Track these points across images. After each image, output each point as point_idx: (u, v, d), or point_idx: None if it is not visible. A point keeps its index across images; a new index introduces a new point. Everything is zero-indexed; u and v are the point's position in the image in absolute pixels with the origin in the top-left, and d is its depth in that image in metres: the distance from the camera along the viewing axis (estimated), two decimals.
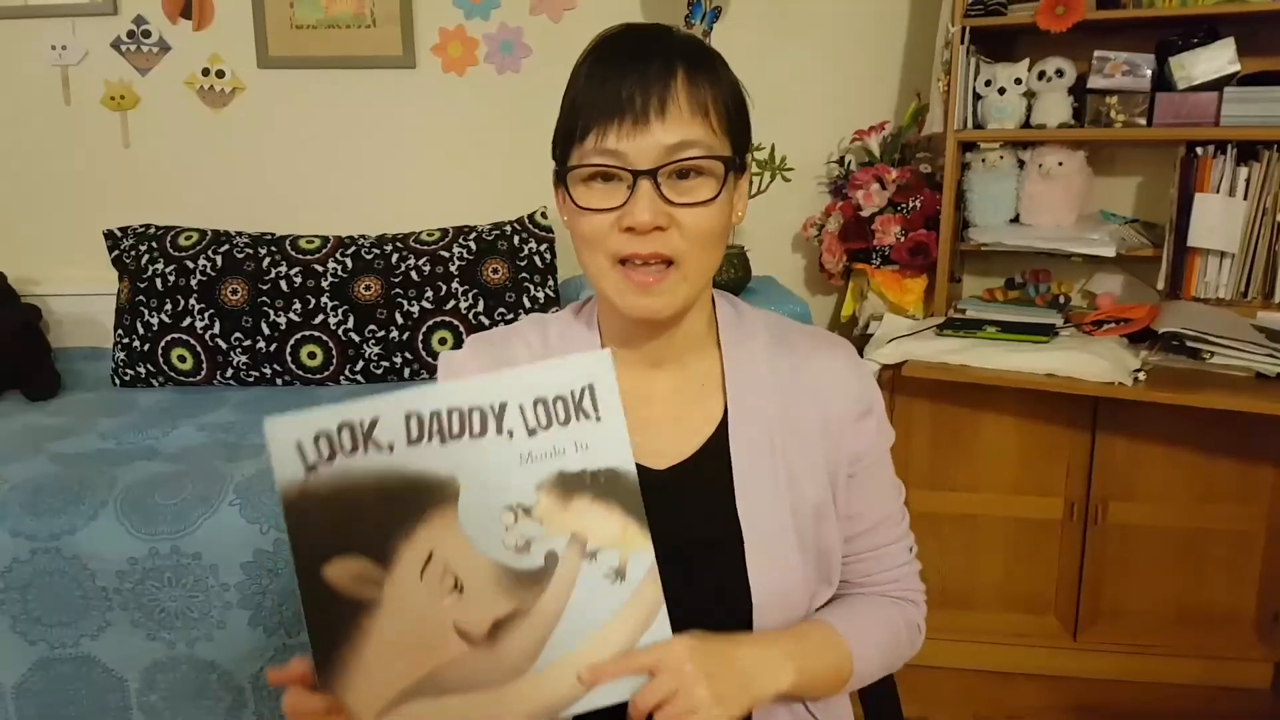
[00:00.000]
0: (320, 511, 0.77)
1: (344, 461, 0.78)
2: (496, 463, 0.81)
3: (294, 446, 0.77)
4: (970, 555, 2.28)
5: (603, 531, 0.83)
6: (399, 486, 0.79)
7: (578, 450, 0.82)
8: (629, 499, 0.83)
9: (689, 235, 0.88)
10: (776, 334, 1.03)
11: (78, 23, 2.68)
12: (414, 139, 2.76)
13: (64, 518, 1.77)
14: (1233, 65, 2.13)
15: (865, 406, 1.01)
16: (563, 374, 0.83)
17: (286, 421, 0.77)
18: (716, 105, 0.89)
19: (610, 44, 0.92)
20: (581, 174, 0.89)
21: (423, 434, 0.79)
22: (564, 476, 0.82)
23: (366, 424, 0.78)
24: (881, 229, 2.43)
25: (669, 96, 0.86)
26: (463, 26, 2.69)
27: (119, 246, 2.49)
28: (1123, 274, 2.49)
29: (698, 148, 0.87)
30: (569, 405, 0.82)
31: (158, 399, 2.35)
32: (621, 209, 0.87)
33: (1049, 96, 2.26)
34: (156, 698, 1.82)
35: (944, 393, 2.19)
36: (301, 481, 0.77)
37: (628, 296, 0.90)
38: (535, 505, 0.81)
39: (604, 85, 0.88)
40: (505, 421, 0.81)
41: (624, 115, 0.86)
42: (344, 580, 0.77)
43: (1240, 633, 2.20)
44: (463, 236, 2.48)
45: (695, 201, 0.88)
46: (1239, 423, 2.03)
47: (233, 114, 2.75)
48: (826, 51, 2.65)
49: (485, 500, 0.80)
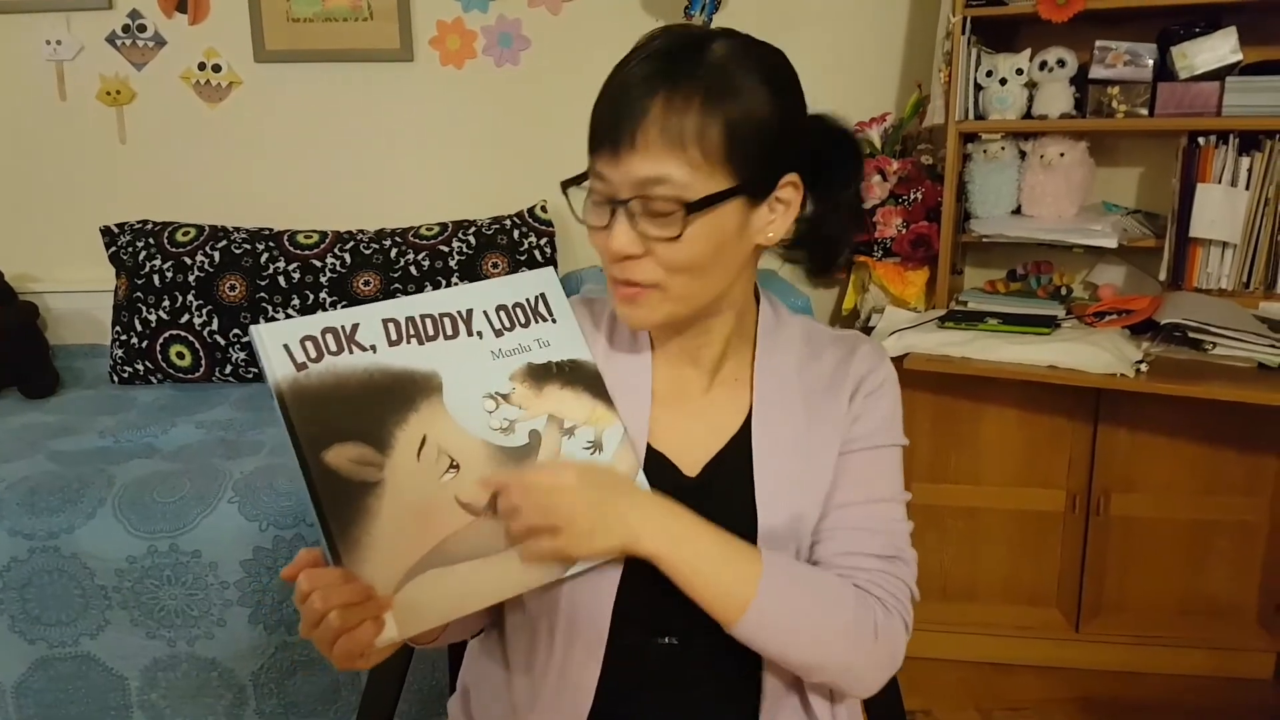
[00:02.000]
0: (315, 404, 0.82)
1: (330, 360, 0.84)
2: (471, 358, 0.90)
3: (282, 348, 0.82)
4: (972, 547, 2.28)
5: (575, 411, 0.93)
6: (386, 380, 0.86)
7: (540, 347, 0.94)
8: (593, 384, 0.95)
9: (664, 264, 0.88)
10: (811, 338, 1.04)
11: (72, 17, 2.66)
12: (412, 133, 2.75)
13: (62, 516, 1.76)
14: (1235, 55, 2.11)
15: (877, 387, 1.00)
16: (516, 285, 0.96)
17: (273, 328, 0.83)
18: (706, 135, 0.84)
19: (628, 57, 0.90)
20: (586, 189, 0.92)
21: (401, 336, 0.88)
22: (533, 367, 0.93)
23: (348, 328, 0.85)
24: (883, 221, 2.43)
25: (638, 129, 0.84)
26: (461, 19, 2.67)
27: (116, 243, 2.48)
28: (1124, 265, 2.48)
29: (666, 185, 0.84)
30: (527, 310, 0.95)
31: (156, 396, 2.35)
32: (605, 230, 0.89)
33: (1050, 87, 2.24)
34: (157, 696, 1.82)
35: (946, 385, 2.19)
36: (291, 378, 0.81)
37: (620, 306, 0.93)
38: (512, 392, 0.91)
39: (601, 104, 0.89)
40: (473, 324, 0.92)
41: (603, 142, 0.87)
42: (345, 464, 0.81)
43: (1243, 624, 2.20)
44: (462, 231, 2.47)
45: (664, 237, 0.86)
46: (1241, 414, 2.02)
47: (229, 108, 2.74)
48: (827, 43, 2.64)
49: (466, 390, 0.89)
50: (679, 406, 0.99)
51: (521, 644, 0.97)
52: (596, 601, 0.91)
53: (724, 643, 0.90)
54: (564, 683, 0.93)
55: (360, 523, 0.81)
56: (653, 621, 0.93)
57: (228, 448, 1.99)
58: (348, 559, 0.80)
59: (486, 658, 1.04)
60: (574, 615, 0.92)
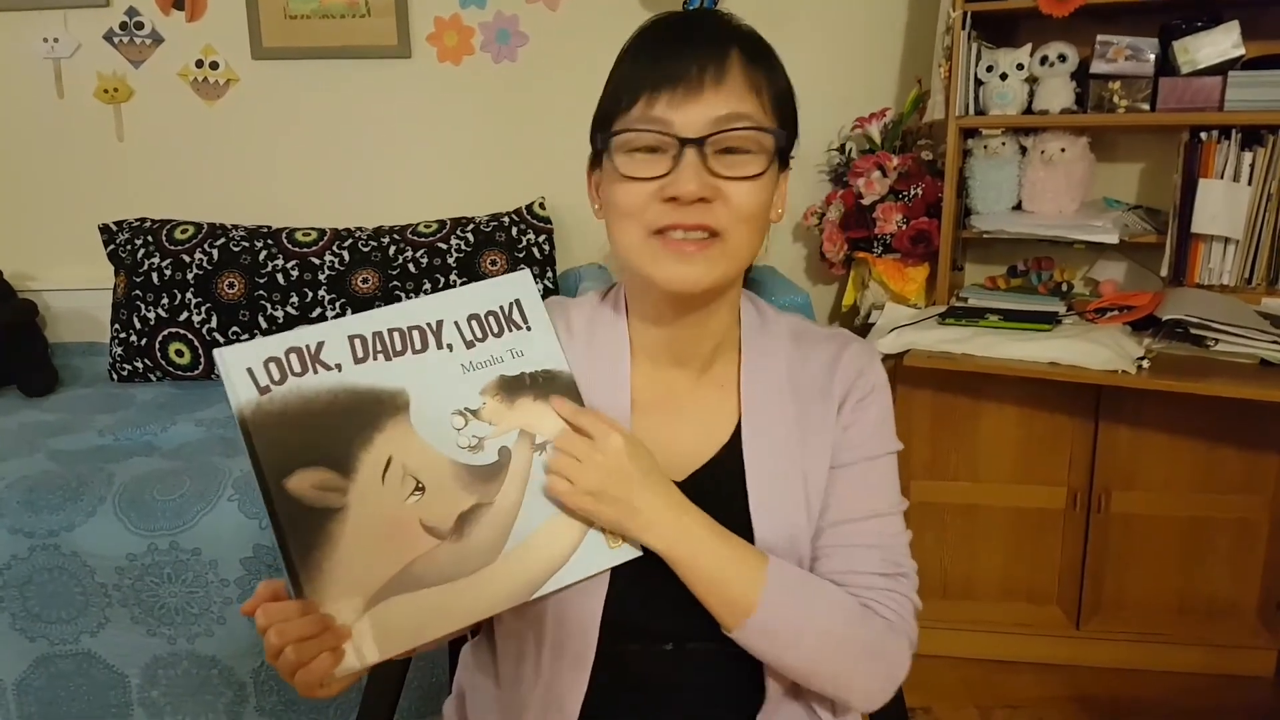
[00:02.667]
0: (277, 428, 0.80)
1: (295, 382, 0.82)
2: (440, 373, 0.87)
3: (245, 372, 0.80)
4: (972, 545, 2.27)
5: (548, 425, 0.90)
6: (351, 400, 0.83)
7: (514, 357, 0.91)
8: (568, 394, 0.92)
9: (734, 209, 0.86)
10: (800, 337, 1.01)
11: (69, 15, 2.66)
12: (410, 129, 2.74)
13: (62, 514, 1.76)
14: (1237, 49, 2.11)
15: (866, 395, 0.97)
16: (489, 292, 0.92)
17: (236, 350, 0.81)
18: (770, 90, 0.88)
19: (662, 23, 0.91)
20: (625, 141, 0.87)
21: (368, 353, 0.85)
22: (505, 380, 0.90)
23: (313, 347, 0.83)
24: (883, 217, 2.42)
25: (724, 68, 0.85)
26: (458, 15, 2.66)
27: (114, 241, 2.48)
28: (1126, 261, 2.47)
29: (748, 120, 0.86)
30: (500, 318, 0.91)
31: (155, 394, 2.34)
32: (665, 178, 0.85)
33: (1051, 82, 2.24)
34: (157, 693, 1.82)
35: (946, 382, 2.18)
36: (256, 402, 0.80)
37: (664, 265, 0.87)
38: (482, 408, 0.88)
39: (656, 56, 0.87)
40: (444, 336, 0.88)
41: (675, 83, 0.85)
42: (308, 490, 0.80)
43: (1243, 622, 2.19)
44: (460, 228, 2.47)
45: (742, 176, 0.86)
46: (1243, 411, 2.02)
47: (227, 106, 2.73)
48: (826, 38, 2.63)
49: (435, 407, 0.86)
50: (662, 412, 0.97)
51: (510, 655, 0.96)
52: (585, 613, 0.90)
53: (715, 650, 0.90)
54: (551, 691, 0.91)
55: (322, 549, 0.80)
56: (641, 631, 0.92)
57: (227, 445, 1.99)
58: (309, 588, 0.79)
59: (477, 666, 1.03)
60: (562, 627, 0.90)
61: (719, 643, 0.89)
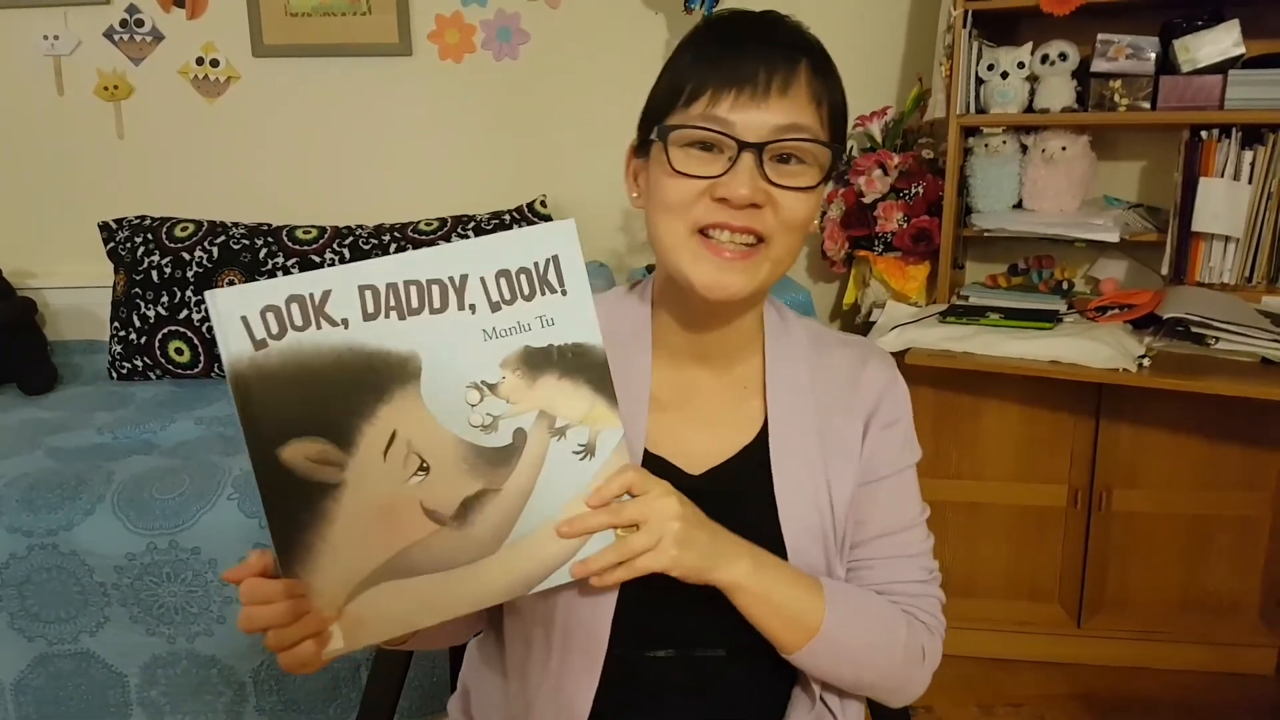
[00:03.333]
0: (273, 390, 0.73)
1: (295, 337, 0.73)
2: (459, 339, 0.78)
3: (239, 321, 0.72)
4: (974, 543, 2.27)
5: (571, 408, 0.81)
6: (357, 364, 0.75)
7: (543, 325, 0.80)
8: (597, 374, 0.81)
9: (782, 217, 0.86)
10: (818, 341, 1.01)
11: (70, 12, 2.66)
12: (411, 127, 2.74)
13: (61, 513, 1.75)
14: (1238, 48, 2.10)
15: (894, 416, 0.99)
16: (526, 244, 0.80)
17: (229, 294, 0.72)
18: (829, 104, 0.89)
19: (730, 20, 0.91)
20: (682, 136, 0.87)
21: (379, 308, 0.76)
22: (530, 352, 0.80)
23: (318, 297, 0.74)
24: (884, 215, 2.42)
25: (793, 77, 0.86)
26: (459, 13, 2.66)
27: (114, 238, 2.47)
28: (1126, 259, 2.47)
29: (808, 132, 0.86)
30: (533, 278, 0.80)
31: (155, 392, 2.34)
32: (718, 179, 0.85)
33: (1052, 80, 2.23)
34: (157, 693, 1.82)
35: (947, 380, 2.18)
36: (249, 357, 0.72)
37: (704, 267, 0.87)
38: (500, 382, 0.79)
39: (722, 56, 0.86)
40: (467, 295, 0.78)
41: (742, 86, 0.84)
42: (302, 462, 0.74)
43: (1245, 619, 2.19)
44: (461, 226, 2.46)
45: (795, 186, 0.86)
46: (1244, 409, 2.01)
47: (227, 103, 2.73)
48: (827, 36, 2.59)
49: (448, 378, 0.78)
50: (681, 408, 0.96)
51: (518, 652, 0.95)
52: (595, 613, 0.88)
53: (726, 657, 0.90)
54: (560, 693, 0.90)
55: (314, 527, 0.74)
56: (652, 633, 0.91)
57: (227, 444, 1.99)
58: (298, 566, 0.74)
59: (484, 662, 1.02)
60: (571, 625, 0.89)
61: (730, 650, 0.89)
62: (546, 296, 0.80)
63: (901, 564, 0.99)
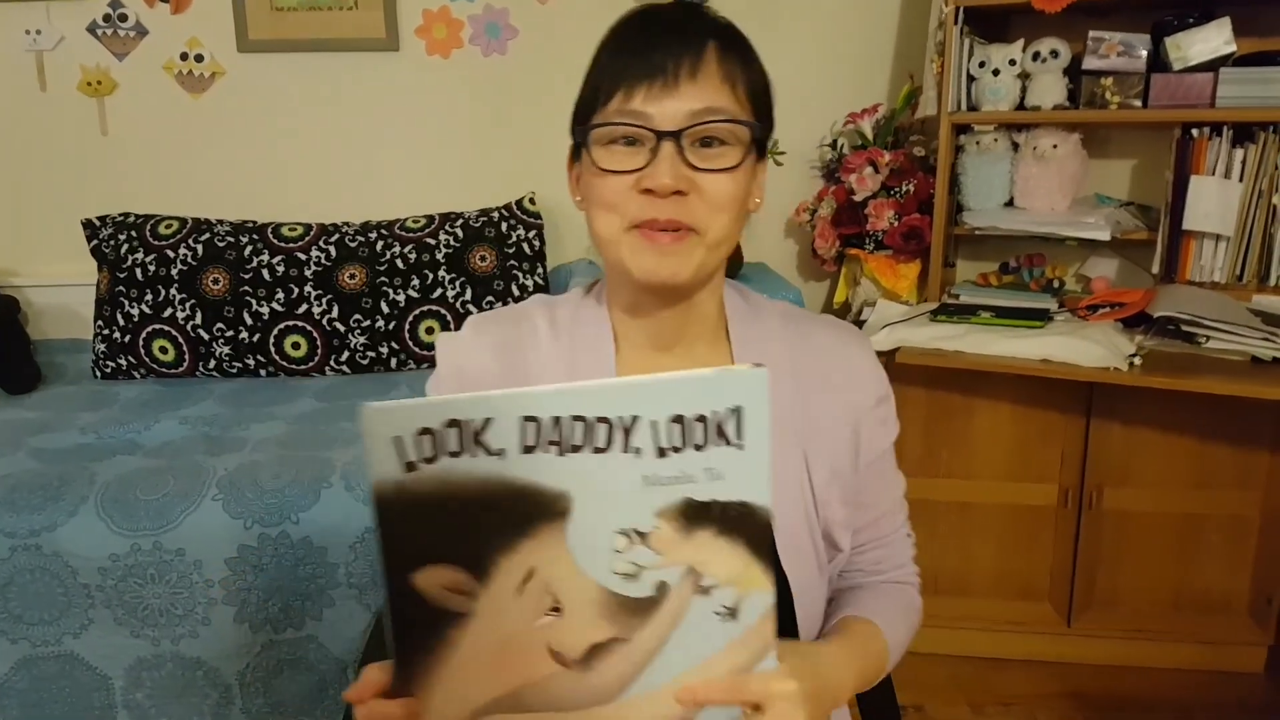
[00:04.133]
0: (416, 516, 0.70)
1: (447, 463, 0.69)
2: (617, 482, 0.72)
3: (391, 442, 0.68)
4: (964, 542, 2.27)
5: (722, 568, 0.74)
6: (506, 496, 0.71)
7: (710, 479, 0.73)
8: (758, 536, 0.74)
9: (710, 201, 0.87)
10: (791, 323, 1.02)
11: (52, 7, 2.62)
12: (398, 123, 2.72)
13: (44, 514, 1.74)
14: (1229, 46, 2.10)
15: (881, 395, 1.02)
16: (710, 389, 0.72)
17: (386, 412, 0.68)
18: (746, 82, 0.89)
19: (640, 16, 0.91)
20: (603, 134, 0.88)
21: (539, 442, 0.70)
22: (690, 505, 0.73)
23: (478, 424, 0.69)
24: (875, 213, 2.41)
25: (700, 61, 0.86)
26: (447, 8, 2.64)
27: (98, 236, 2.45)
28: (1117, 258, 2.47)
29: (724, 113, 0.87)
30: (709, 427, 0.72)
31: (139, 392, 2.32)
32: (642, 171, 0.86)
33: (1043, 78, 2.23)
34: (142, 695, 1.80)
35: (938, 379, 2.17)
36: (397, 481, 0.69)
37: (644, 258, 0.88)
38: (653, 532, 0.73)
39: (633, 50, 0.88)
40: (634, 438, 0.71)
41: (653, 78, 0.85)
42: (436, 590, 0.71)
43: (1235, 618, 2.19)
44: (449, 223, 2.44)
45: (718, 168, 0.87)
46: (1234, 407, 2.01)
47: (212, 99, 2.70)
48: (819, 33, 2.62)
49: (598, 520, 0.72)
50: None
51: None
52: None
53: None
54: None
55: (437, 654, 0.72)
56: None
57: (211, 444, 1.97)
58: (418, 688, 0.72)
59: None
60: None
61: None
62: (720, 448, 0.72)
63: (897, 542, 1.08)
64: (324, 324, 2.35)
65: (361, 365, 2.39)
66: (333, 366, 2.39)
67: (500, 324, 1.01)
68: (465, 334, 1.00)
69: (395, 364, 2.40)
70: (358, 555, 1.76)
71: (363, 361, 2.39)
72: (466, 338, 1.00)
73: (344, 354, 2.37)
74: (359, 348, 2.37)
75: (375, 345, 2.37)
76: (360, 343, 2.36)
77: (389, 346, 2.37)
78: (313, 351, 2.37)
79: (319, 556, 1.75)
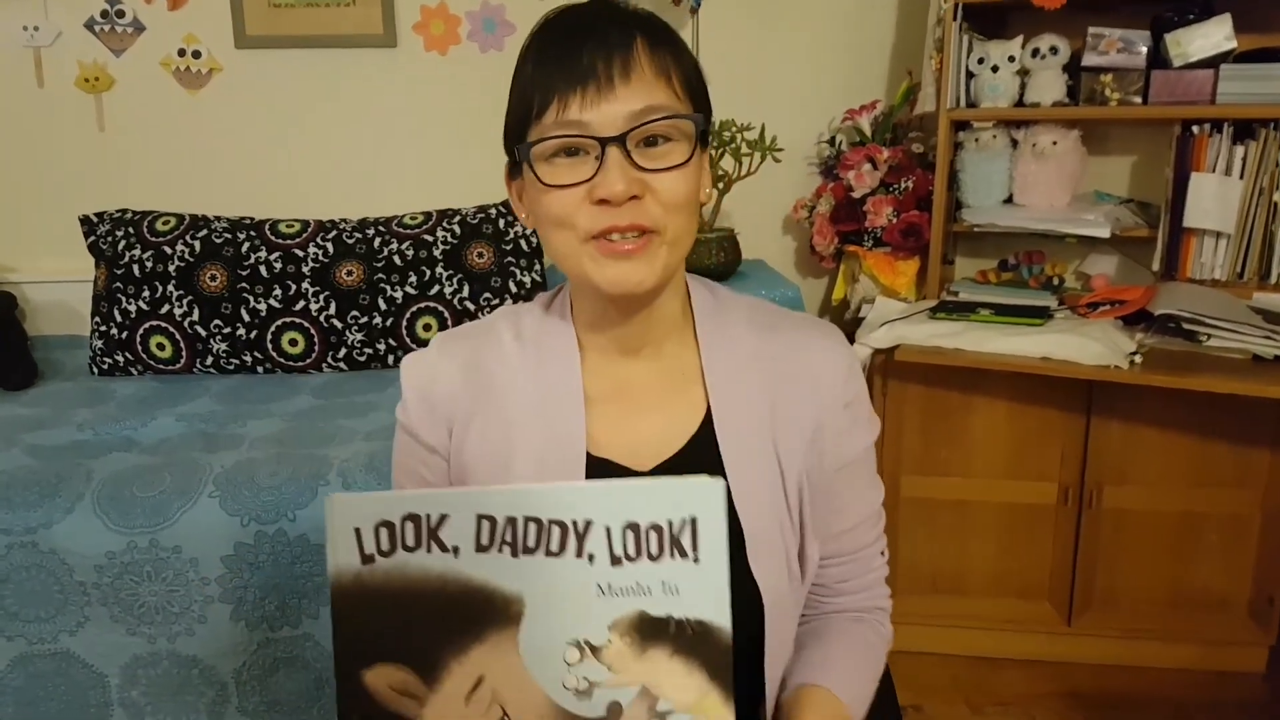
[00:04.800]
0: (371, 609, 0.71)
1: (403, 557, 0.71)
2: (570, 589, 0.72)
3: (352, 533, 0.71)
4: (963, 541, 2.26)
5: (679, 692, 0.73)
6: (459, 596, 0.72)
7: (665, 592, 0.72)
8: (715, 659, 0.72)
9: (665, 201, 0.85)
10: (760, 320, 0.99)
11: (50, 2, 2.62)
12: (396, 119, 2.72)
13: (40, 511, 1.73)
14: (1229, 42, 2.09)
15: (851, 397, 0.98)
16: (664, 497, 0.72)
17: (349, 502, 0.71)
18: (679, 73, 0.87)
19: (558, 20, 0.89)
20: (544, 149, 0.85)
21: (493, 541, 0.71)
22: (645, 619, 0.72)
23: (435, 519, 0.71)
24: (873, 210, 2.40)
25: (631, 60, 0.83)
26: (445, 4, 2.64)
27: (95, 232, 2.44)
28: (1117, 255, 2.46)
29: (665, 110, 0.84)
30: (664, 537, 0.72)
31: (136, 388, 2.31)
32: (591, 181, 0.83)
33: (1043, 74, 2.22)
34: (137, 693, 1.80)
35: (937, 377, 2.17)
36: (355, 572, 0.71)
37: (607, 269, 0.85)
38: (605, 646, 0.73)
39: (560, 58, 0.84)
40: (587, 543, 0.72)
41: (585, 83, 0.82)
42: (384, 689, 0.72)
43: (1235, 617, 2.19)
44: (446, 220, 2.44)
45: (669, 166, 0.84)
46: (1235, 406, 2.01)
47: (210, 95, 2.70)
48: (816, 29, 2.61)
49: (550, 629, 0.72)
50: (620, 403, 0.95)
51: None
52: None
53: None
54: None
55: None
56: None
57: (208, 441, 1.96)
58: None
59: None
60: None
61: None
62: (675, 560, 0.72)
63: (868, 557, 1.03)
64: (321, 321, 2.34)
65: (359, 362, 2.39)
66: (330, 363, 2.38)
67: (466, 340, 0.99)
68: (430, 354, 0.99)
69: (392, 361, 2.39)
70: None
71: (360, 358, 2.38)
72: (432, 359, 0.99)
73: (341, 351, 2.37)
74: (356, 344, 2.36)
75: (373, 342, 2.36)
76: (358, 339, 2.36)
77: (386, 343, 2.37)
78: (310, 348, 2.36)
79: (316, 554, 1.74)
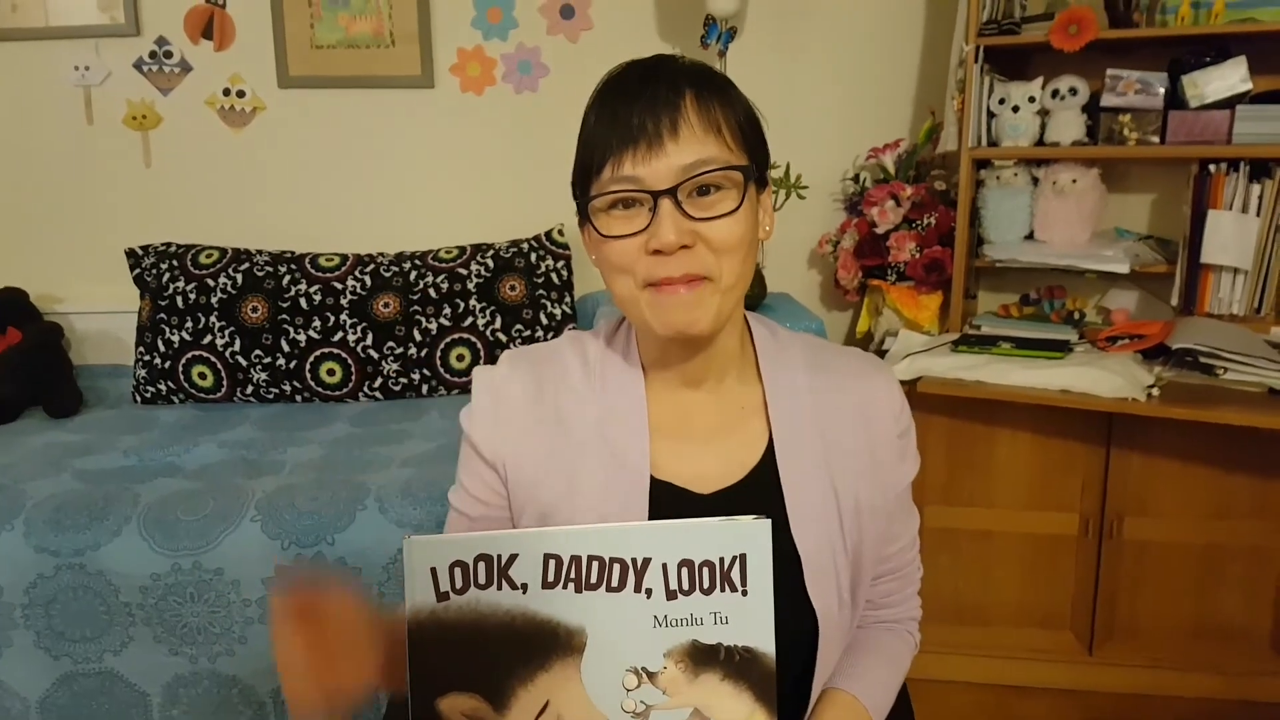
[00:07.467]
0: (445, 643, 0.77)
1: (475, 595, 0.77)
2: (629, 621, 0.78)
3: (429, 573, 0.76)
4: (986, 571, 2.28)
5: (729, 713, 0.79)
6: (527, 629, 0.78)
7: (716, 622, 0.79)
8: (762, 682, 0.79)
9: (717, 249, 0.88)
10: (814, 356, 1.03)
11: (101, 43, 2.71)
12: (432, 158, 2.79)
13: (88, 534, 1.78)
14: (1244, 84, 2.13)
15: (904, 427, 1.03)
16: (717, 537, 0.79)
17: (425, 544, 0.77)
18: (729, 123, 0.90)
19: (616, 80, 0.94)
20: (602, 203, 0.90)
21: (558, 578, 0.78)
22: (697, 648, 0.79)
23: (504, 559, 0.77)
24: (897, 245, 2.45)
25: (679, 117, 0.88)
26: (481, 47, 2.71)
27: (140, 265, 2.52)
28: (1137, 290, 2.49)
29: (713, 163, 0.88)
30: (715, 572, 0.79)
31: (178, 416, 2.37)
32: (645, 231, 0.88)
33: (1062, 114, 2.27)
34: (178, 712, 1.83)
35: (959, 409, 2.20)
36: (431, 609, 0.76)
37: (663, 315, 0.90)
38: (661, 672, 0.79)
39: (615, 117, 0.89)
40: (646, 579, 0.79)
41: (637, 141, 0.87)
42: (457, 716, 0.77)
43: (1256, 648, 2.19)
44: (480, 254, 2.50)
45: (718, 214, 0.88)
46: (1253, 438, 2.03)
47: (253, 133, 2.78)
48: (841, 70, 2.66)
49: (610, 657, 0.78)
50: (684, 434, 0.98)
51: None
52: None
53: None
54: None
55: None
56: None
57: (249, 467, 2.02)
58: None
59: None
60: None
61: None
62: (725, 594, 0.79)
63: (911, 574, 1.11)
64: (358, 351, 2.40)
65: (394, 391, 2.45)
66: (366, 392, 2.44)
67: (534, 361, 1.02)
68: (501, 369, 1.02)
69: (426, 390, 2.45)
70: (391, 576, 1.80)
71: (395, 388, 2.44)
72: (503, 372, 1.02)
73: (377, 380, 2.43)
74: (392, 374, 2.42)
75: (407, 372, 2.42)
76: (393, 370, 2.42)
77: (421, 373, 2.43)
78: (347, 378, 2.42)
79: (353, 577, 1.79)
